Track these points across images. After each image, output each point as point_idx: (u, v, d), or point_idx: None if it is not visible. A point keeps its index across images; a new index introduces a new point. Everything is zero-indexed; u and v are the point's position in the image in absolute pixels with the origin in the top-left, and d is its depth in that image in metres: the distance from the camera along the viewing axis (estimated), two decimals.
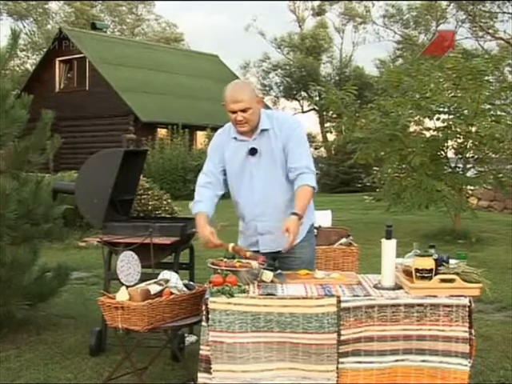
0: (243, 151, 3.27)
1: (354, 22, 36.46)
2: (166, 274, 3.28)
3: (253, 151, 3.25)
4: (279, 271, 3.12)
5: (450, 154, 9.81)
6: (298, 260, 3.29)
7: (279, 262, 3.36)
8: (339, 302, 2.74)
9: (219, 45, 46.77)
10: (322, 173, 20.44)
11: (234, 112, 3.18)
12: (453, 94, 9.46)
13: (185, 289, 3.24)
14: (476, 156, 9.76)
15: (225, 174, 3.35)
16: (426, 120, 9.64)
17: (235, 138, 3.30)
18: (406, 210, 9.73)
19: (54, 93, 21.98)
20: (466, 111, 9.20)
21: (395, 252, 2.92)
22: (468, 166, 9.96)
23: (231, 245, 3.13)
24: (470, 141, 9.39)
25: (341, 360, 2.74)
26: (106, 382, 3.44)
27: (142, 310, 2.96)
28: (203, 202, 3.26)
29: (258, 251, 3.28)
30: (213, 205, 3.28)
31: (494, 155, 9.89)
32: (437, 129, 9.44)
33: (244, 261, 3.08)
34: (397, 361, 2.77)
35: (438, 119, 9.43)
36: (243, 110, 3.16)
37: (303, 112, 36.58)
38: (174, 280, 3.22)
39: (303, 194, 3.14)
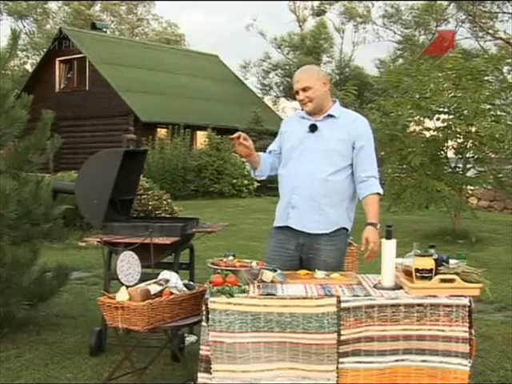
0: (305, 127, 3.38)
1: (354, 22, 36.48)
2: (165, 274, 3.28)
3: (313, 127, 3.35)
4: (279, 271, 3.12)
5: (450, 154, 9.82)
6: (323, 263, 3.29)
7: (305, 262, 3.37)
8: (339, 302, 2.74)
9: (219, 45, 46.78)
10: None
11: (297, 92, 3.35)
12: (453, 94, 9.47)
13: (185, 289, 3.24)
14: (476, 156, 9.76)
15: (280, 154, 3.49)
16: (426, 120, 9.64)
17: (302, 117, 3.45)
18: (406, 210, 9.73)
19: (54, 93, 21.97)
20: (465, 111, 9.21)
21: (395, 252, 2.92)
22: (468, 166, 9.96)
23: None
24: (470, 141, 9.39)
25: (341, 360, 2.74)
26: (105, 382, 3.44)
27: (142, 310, 2.96)
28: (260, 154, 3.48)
29: (287, 227, 3.35)
30: (266, 163, 3.47)
31: (493, 155, 9.89)
32: (437, 129, 9.44)
33: (244, 261, 3.09)
34: (397, 361, 2.77)
35: (437, 119, 9.43)
36: (304, 89, 3.32)
37: None
38: (173, 280, 3.22)
39: (374, 202, 3.29)
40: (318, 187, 3.28)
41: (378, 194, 3.32)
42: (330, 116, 3.37)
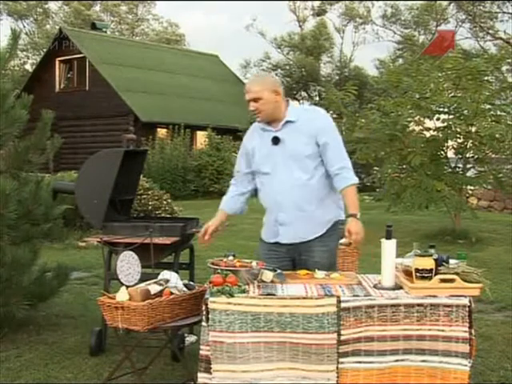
0: (269, 141, 3.34)
1: (355, 23, 36.48)
2: (165, 274, 3.28)
3: (276, 140, 3.32)
4: (279, 271, 3.13)
5: (450, 154, 9.81)
6: (316, 264, 3.29)
7: (298, 263, 3.38)
8: (339, 301, 2.74)
9: (219, 45, 46.76)
10: None
11: (248, 102, 3.31)
12: (453, 94, 9.46)
13: (185, 289, 3.24)
14: (476, 156, 9.76)
15: (250, 168, 3.46)
16: (426, 120, 9.64)
17: (262, 129, 3.40)
18: (405, 210, 9.72)
19: (54, 93, 21.96)
20: (465, 111, 9.20)
21: (395, 252, 2.92)
22: (468, 166, 9.95)
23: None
24: (470, 141, 9.39)
25: (341, 360, 2.74)
26: (105, 382, 3.44)
27: (142, 309, 2.96)
28: (223, 201, 3.55)
29: (278, 243, 3.36)
30: (236, 201, 3.51)
31: (493, 155, 9.88)
32: (437, 129, 9.43)
33: (244, 261, 3.09)
34: (397, 361, 2.77)
35: (437, 119, 9.42)
36: (254, 100, 3.27)
37: None
38: (174, 280, 3.22)
39: (351, 193, 3.27)
40: (300, 197, 3.28)
41: (355, 184, 3.30)
42: (288, 122, 3.32)
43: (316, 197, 3.31)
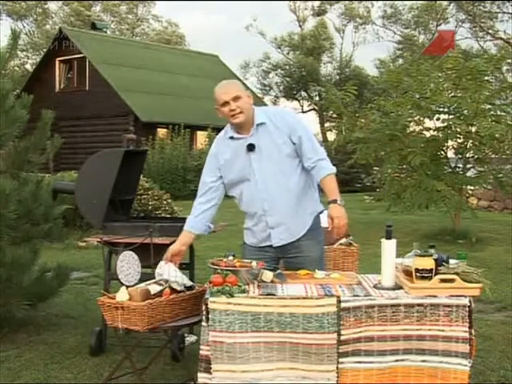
0: (243, 149, 3.29)
1: (355, 23, 36.48)
2: (162, 267, 3.25)
3: (251, 147, 3.27)
4: (279, 271, 3.12)
5: (450, 154, 9.81)
6: (306, 258, 3.31)
7: (287, 262, 3.38)
8: (339, 302, 2.74)
9: (219, 45, 46.78)
10: None
11: (226, 103, 3.26)
12: (453, 94, 9.46)
13: (185, 281, 3.22)
14: (476, 156, 9.75)
15: (221, 180, 3.39)
16: (426, 120, 9.64)
17: (232, 138, 3.34)
18: (405, 210, 9.73)
19: (54, 93, 21.96)
20: (465, 111, 9.20)
21: (395, 252, 2.92)
22: (468, 166, 9.95)
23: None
24: (470, 141, 9.39)
25: (341, 360, 2.74)
26: (105, 382, 3.44)
27: (142, 309, 2.96)
28: (190, 220, 3.40)
29: (270, 246, 3.34)
30: (201, 220, 3.39)
31: (493, 155, 9.88)
32: (437, 129, 9.43)
33: (244, 261, 3.09)
34: (397, 361, 2.76)
35: (437, 119, 9.42)
36: (235, 99, 3.24)
37: (303, 112, 36.58)
38: (172, 273, 3.20)
39: (329, 181, 3.23)
40: (285, 198, 3.27)
41: (333, 173, 3.28)
42: (260, 125, 3.29)
43: (298, 194, 3.30)
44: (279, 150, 3.26)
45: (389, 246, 2.90)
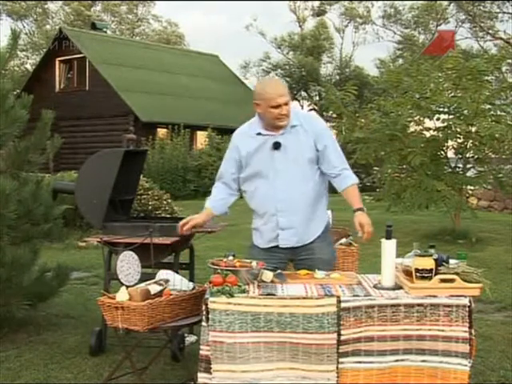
0: (267, 145, 3.29)
1: (355, 23, 36.48)
2: (162, 275, 3.28)
3: (276, 145, 3.27)
4: (279, 271, 3.12)
5: (450, 154, 9.81)
6: (317, 261, 3.33)
7: (297, 263, 3.39)
8: (339, 302, 2.74)
9: (219, 45, 46.78)
10: None
11: (278, 106, 3.20)
12: (453, 94, 9.46)
13: (185, 287, 3.23)
14: (476, 156, 9.75)
15: (239, 173, 3.41)
16: (426, 120, 9.63)
17: (259, 134, 3.33)
18: (405, 210, 9.72)
19: (54, 93, 21.96)
20: (465, 111, 9.19)
21: (395, 252, 2.92)
22: (468, 166, 9.95)
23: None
24: (470, 141, 9.38)
25: (341, 360, 2.74)
26: (105, 381, 3.44)
27: (142, 309, 2.96)
28: (210, 199, 3.45)
29: (276, 246, 3.35)
30: (224, 203, 3.46)
31: (493, 155, 9.88)
32: (437, 129, 9.43)
33: (244, 261, 3.09)
34: (397, 361, 2.77)
35: (438, 119, 9.42)
36: (286, 103, 3.22)
37: None
38: (177, 282, 3.22)
39: (354, 191, 3.30)
40: (301, 201, 3.29)
41: (356, 183, 3.34)
42: (293, 127, 3.30)
43: (313, 200, 3.33)
44: (304, 153, 3.28)
45: (389, 246, 2.90)
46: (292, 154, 3.28)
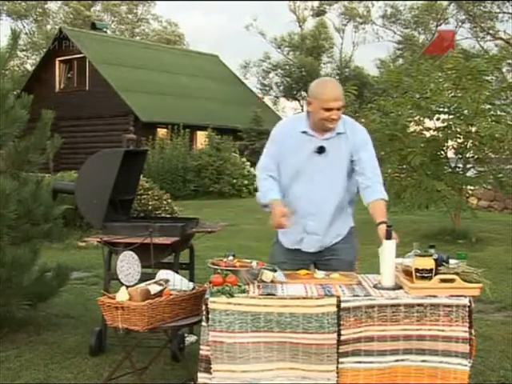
0: (310, 147, 3.25)
1: (354, 22, 36.49)
2: (162, 275, 3.28)
3: (321, 149, 3.24)
4: (279, 271, 3.12)
5: (450, 154, 9.80)
6: (341, 261, 3.35)
7: (320, 263, 3.39)
8: (339, 301, 2.74)
9: (219, 45, 46.78)
10: None
11: (330, 110, 3.14)
12: (453, 94, 9.46)
13: (184, 288, 3.23)
14: (476, 156, 9.75)
15: (278, 169, 3.34)
16: (426, 120, 9.63)
17: (305, 133, 3.27)
18: (405, 210, 9.72)
19: (54, 93, 21.97)
20: (466, 111, 9.19)
21: (395, 252, 2.92)
22: (468, 166, 9.95)
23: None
24: (470, 141, 9.38)
25: (341, 360, 2.74)
26: (105, 381, 3.44)
27: (142, 309, 2.96)
28: (273, 190, 3.26)
29: (298, 249, 3.36)
30: (278, 191, 3.28)
31: (493, 155, 9.88)
32: (437, 129, 9.43)
33: (244, 261, 3.09)
34: (397, 361, 2.76)
35: (438, 119, 9.42)
36: (339, 109, 3.17)
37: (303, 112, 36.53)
38: (177, 282, 3.22)
39: (381, 206, 3.20)
40: (333, 208, 3.30)
41: (385, 199, 3.28)
42: (338, 133, 3.27)
43: (343, 207, 3.36)
44: (343, 162, 3.27)
45: (389, 246, 2.90)
46: (332, 160, 3.26)
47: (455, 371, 2.75)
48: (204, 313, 2.78)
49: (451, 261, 2.90)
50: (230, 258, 3.13)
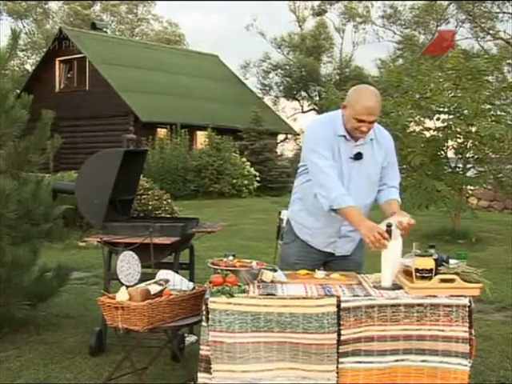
0: (347, 152, 3.24)
1: (354, 22, 36.49)
2: (162, 275, 3.28)
3: (358, 156, 3.24)
4: (279, 271, 3.12)
5: (450, 154, 9.82)
6: (352, 262, 3.40)
7: (333, 264, 3.41)
8: (339, 301, 2.74)
9: (219, 45, 46.76)
10: None
11: (362, 121, 3.10)
12: (453, 94, 9.47)
13: (184, 288, 3.23)
14: (476, 156, 9.76)
15: None
16: (426, 120, 9.64)
17: (343, 136, 3.23)
18: (405, 210, 9.71)
19: (54, 93, 21.96)
20: (466, 111, 9.21)
21: (400, 251, 2.92)
22: (468, 166, 9.95)
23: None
24: (470, 141, 9.39)
25: (341, 360, 2.74)
26: (105, 381, 3.44)
27: (142, 309, 2.96)
28: (344, 195, 3.10)
29: (332, 253, 3.39)
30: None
31: (493, 155, 9.89)
32: (437, 129, 9.44)
33: (244, 261, 3.09)
34: (397, 361, 2.76)
35: (438, 119, 9.43)
36: (371, 123, 3.14)
37: (303, 112, 36.60)
38: (177, 282, 3.22)
39: (396, 203, 3.29)
40: (363, 214, 3.27)
41: (399, 202, 3.35)
42: (371, 140, 3.28)
43: (368, 213, 3.36)
44: (375, 167, 3.30)
45: (389, 246, 2.90)
46: (367, 166, 3.27)
47: (455, 371, 2.75)
48: (204, 313, 2.78)
49: (451, 261, 2.91)
50: (230, 257, 3.13)
